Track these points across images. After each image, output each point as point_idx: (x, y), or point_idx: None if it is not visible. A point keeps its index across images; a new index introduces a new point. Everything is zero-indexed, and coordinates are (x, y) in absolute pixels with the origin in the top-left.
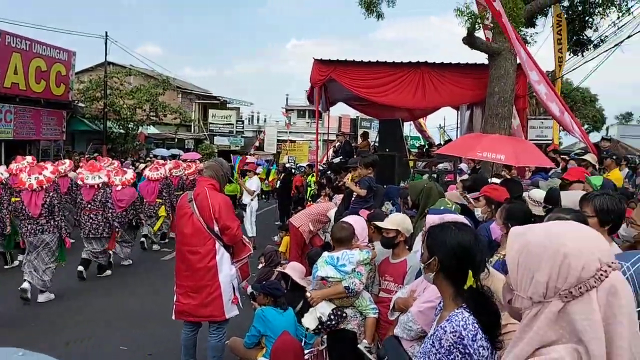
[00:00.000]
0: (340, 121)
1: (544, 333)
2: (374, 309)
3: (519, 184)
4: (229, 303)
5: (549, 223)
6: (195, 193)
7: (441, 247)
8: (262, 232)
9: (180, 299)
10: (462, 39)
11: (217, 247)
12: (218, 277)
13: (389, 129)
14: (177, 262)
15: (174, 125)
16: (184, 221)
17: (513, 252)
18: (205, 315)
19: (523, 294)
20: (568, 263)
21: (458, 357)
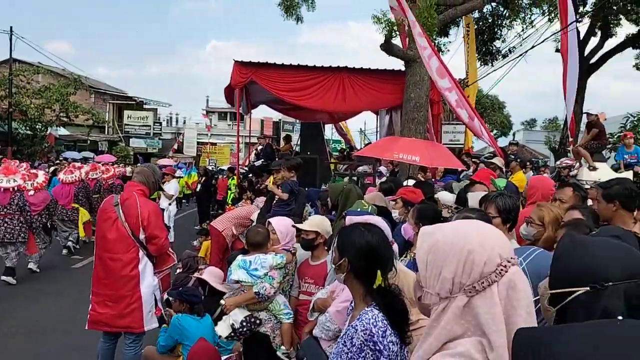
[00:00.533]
0: (262, 124)
1: (451, 328)
2: (288, 314)
3: (431, 185)
4: (149, 315)
5: (456, 222)
6: (123, 197)
7: (350, 248)
8: (181, 237)
9: (96, 308)
10: (380, 45)
11: (141, 255)
12: (139, 287)
13: (311, 132)
14: (96, 269)
15: (86, 126)
16: (107, 226)
17: (422, 251)
18: (122, 326)
19: (431, 290)
20: (472, 259)
21: (369, 354)
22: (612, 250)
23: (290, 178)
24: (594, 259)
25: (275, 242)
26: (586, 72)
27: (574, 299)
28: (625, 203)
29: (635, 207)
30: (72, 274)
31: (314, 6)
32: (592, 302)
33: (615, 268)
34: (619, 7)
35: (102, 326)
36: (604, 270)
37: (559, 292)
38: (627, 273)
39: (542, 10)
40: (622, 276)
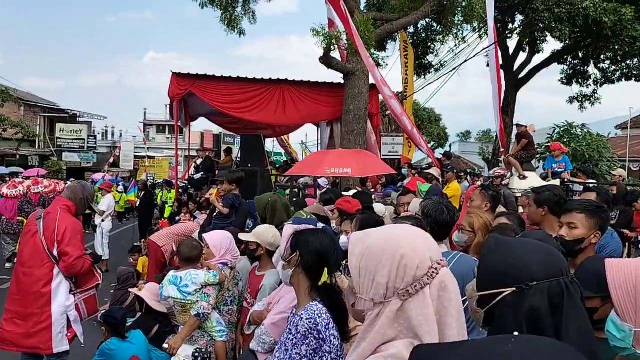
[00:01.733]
0: (202, 137)
1: (385, 332)
2: (222, 332)
3: (369, 194)
4: (59, 336)
5: (385, 227)
6: (46, 212)
7: (304, 246)
8: (120, 253)
9: (4, 326)
10: (319, 58)
11: (55, 272)
12: (50, 306)
13: (251, 144)
14: (11, 285)
15: (15, 140)
16: (26, 239)
17: (354, 257)
18: (29, 346)
19: (365, 296)
20: (405, 263)
21: (313, 342)
22: (534, 251)
23: (232, 191)
24: (517, 259)
25: (210, 256)
26: (515, 86)
27: (501, 299)
28: (553, 208)
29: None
30: None
31: (255, 19)
32: (518, 302)
33: (538, 268)
34: (545, 25)
35: (8, 345)
36: (528, 270)
37: (486, 293)
38: (548, 272)
39: (473, 27)
40: (544, 276)
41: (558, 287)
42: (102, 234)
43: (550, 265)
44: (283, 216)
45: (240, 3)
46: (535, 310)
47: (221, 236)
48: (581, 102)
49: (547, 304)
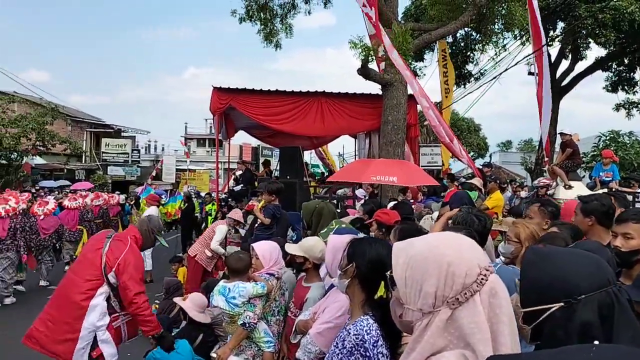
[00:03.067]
0: (241, 150)
1: (434, 341)
2: (269, 343)
3: (408, 205)
4: (81, 351)
5: (428, 235)
6: (117, 235)
7: (360, 256)
8: (163, 264)
9: (36, 324)
10: (357, 70)
11: (99, 292)
12: (82, 321)
13: (289, 156)
14: (58, 286)
15: (63, 155)
16: (89, 250)
17: (399, 268)
18: (51, 350)
19: (413, 306)
20: (452, 271)
21: (359, 359)
22: (577, 261)
23: (272, 202)
24: (561, 271)
25: (259, 267)
26: (558, 94)
27: (549, 315)
28: (601, 218)
29: (612, 223)
30: None
31: (292, 32)
32: (568, 316)
33: (584, 279)
34: (588, 32)
35: (34, 344)
36: (574, 282)
37: (532, 310)
38: (596, 283)
39: (514, 35)
40: (592, 287)
41: (608, 298)
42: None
43: (597, 275)
44: (329, 223)
45: (278, 17)
46: (587, 324)
47: (270, 247)
48: (628, 109)
49: (597, 316)
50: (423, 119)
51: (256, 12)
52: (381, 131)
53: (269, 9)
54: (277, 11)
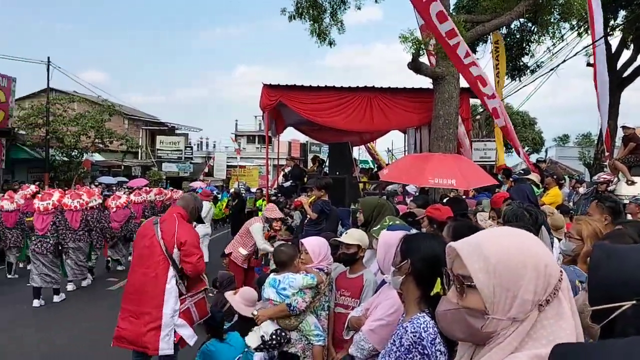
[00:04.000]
0: (290, 146)
1: (515, 345)
2: (319, 337)
3: (463, 201)
4: (166, 338)
5: (500, 234)
6: (163, 218)
7: (415, 252)
8: (214, 258)
9: (120, 324)
10: (408, 64)
11: (170, 275)
12: (162, 308)
13: (339, 152)
14: (127, 285)
15: (120, 152)
16: (144, 242)
17: (482, 275)
18: (140, 344)
19: (502, 315)
20: (549, 273)
21: (417, 357)
22: None
23: (321, 197)
24: (633, 269)
25: (308, 261)
26: (619, 86)
27: (619, 314)
28: None
29: None
30: (107, 295)
31: (343, 28)
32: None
33: None
34: None
35: (124, 343)
36: None
37: (602, 308)
38: None
39: (572, 25)
40: None
41: None
42: (203, 238)
43: None
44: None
45: (328, 14)
46: None
47: (319, 242)
48: None
49: None
50: (475, 113)
51: (306, 9)
52: (432, 126)
53: (319, 6)
54: (327, 7)
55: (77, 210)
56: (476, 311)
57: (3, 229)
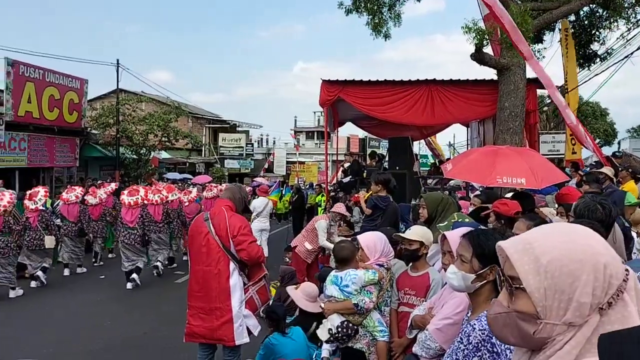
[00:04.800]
0: (348, 141)
1: (576, 352)
2: (383, 332)
3: (531, 197)
4: (240, 329)
5: (556, 230)
6: (212, 213)
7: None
8: (274, 254)
9: (190, 321)
10: (471, 55)
11: (232, 268)
12: (230, 301)
13: (399, 146)
14: (190, 283)
15: (185, 149)
16: (199, 240)
17: (532, 277)
18: (215, 338)
19: (557, 320)
20: (610, 273)
21: (486, 355)
22: None
23: (379, 192)
24: None
25: (365, 258)
26: None
27: None
28: None
29: None
30: (174, 287)
31: (400, 21)
32: None
33: None
34: None
35: (197, 338)
36: None
37: None
38: None
39: None
40: None
41: None
42: (260, 232)
43: None
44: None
45: (386, 7)
46: None
47: (375, 238)
48: None
49: None
50: (542, 105)
51: (363, 2)
52: (497, 118)
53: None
54: (385, 0)
55: (158, 204)
56: (528, 315)
57: (89, 221)
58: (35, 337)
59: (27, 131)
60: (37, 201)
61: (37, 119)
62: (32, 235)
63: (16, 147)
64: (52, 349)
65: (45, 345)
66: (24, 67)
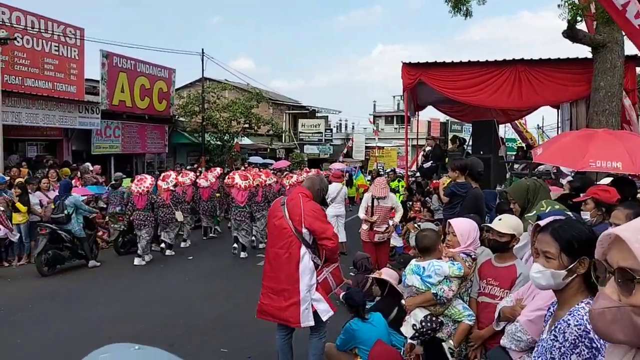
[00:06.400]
0: (429, 125)
1: None
2: (470, 316)
3: (633, 183)
4: (306, 312)
5: None
6: (289, 198)
7: (591, 247)
8: (351, 239)
9: (261, 299)
10: (563, 32)
11: (302, 252)
12: (299, 284)
13: (483, 130)
14: (265, 262)
15: (266, 136)
16: (274, 223)
17: None
18: (282, 318)
19: None
20: None
21: (584, 351)
22: None
23: (457, 179)
24: None
25: (454, 244)
26: None
27: None
28: None
29: None
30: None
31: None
32: None
33: None
34: None
35: (266, 316)
36: None
37: None
38: None
39: None
40: None
41: None
42: (336, 219)
43: None
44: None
45: None
46: None
47: (470, 225)
48: None
49: None
50: None
51: None
52: (591, 99)
53: None
54: None
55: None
56: None
57: (199, 201)
58: (134, 310)
59: (120, 119)
60: (169, 182)
61: (130, 108)
62: (165, 211)
63: (111, 135)
64: (142, 324)
65: (144, 321)
66: (117, 58)
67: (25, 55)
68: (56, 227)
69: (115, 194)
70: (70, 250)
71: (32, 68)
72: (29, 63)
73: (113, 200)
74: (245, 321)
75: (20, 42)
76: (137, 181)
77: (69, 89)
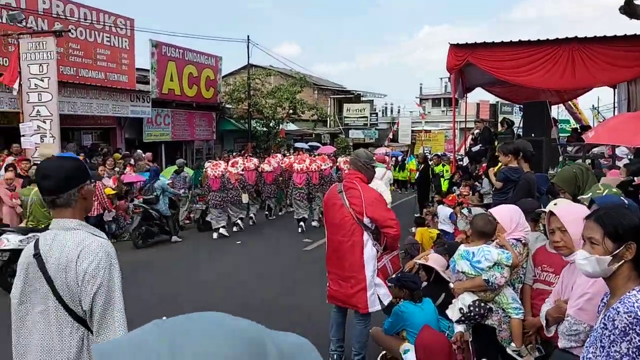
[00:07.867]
0: (478, 108)
1: None
2: (517, 310)
3: None
4: (372, 297)
5: None
6: (345, 185)
7: (637, 232)
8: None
9: (330, 285)
10: (619, 8)
11: (365, 239)
12: (364, 271)
13: (535, 112)
14: (328, 250)
15: (311, 121)
16: (334, 211)
17: None
18: (350, 304)
19: None
20: None
21: (635, 338)
22: None
23: (510, 163)
24: None
25: (500, 231)
26: None
27: None
28: None
29: None
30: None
31: None
32: None
33: None
34: None
35: (336, 301)
36: None
37: None
38: None
39: None
40: None
41: None
42: None
43: None
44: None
45: None
46: None
47: (510, 211)
48: None
49: None
50: None
51: None
52: None
53: None
54: None
55: (315, 171)
56: None
57: (264, 184)
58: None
59: (170, 107)
60: (238, 167)
61: (179, 96)
62: (233, 193)
63: (161, 123)
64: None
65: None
66: (166, 47)
67: (78, 47)
68: (147, 207)
69: (179, 178)
70: (158, 226)
71: (86, 59)
72: (83, 54)
73: (177, 184)
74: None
75: (74, 34)
76: (212, 166)
77: (120, 79)
